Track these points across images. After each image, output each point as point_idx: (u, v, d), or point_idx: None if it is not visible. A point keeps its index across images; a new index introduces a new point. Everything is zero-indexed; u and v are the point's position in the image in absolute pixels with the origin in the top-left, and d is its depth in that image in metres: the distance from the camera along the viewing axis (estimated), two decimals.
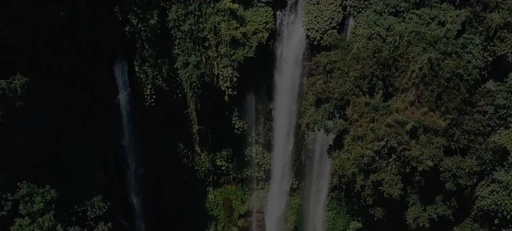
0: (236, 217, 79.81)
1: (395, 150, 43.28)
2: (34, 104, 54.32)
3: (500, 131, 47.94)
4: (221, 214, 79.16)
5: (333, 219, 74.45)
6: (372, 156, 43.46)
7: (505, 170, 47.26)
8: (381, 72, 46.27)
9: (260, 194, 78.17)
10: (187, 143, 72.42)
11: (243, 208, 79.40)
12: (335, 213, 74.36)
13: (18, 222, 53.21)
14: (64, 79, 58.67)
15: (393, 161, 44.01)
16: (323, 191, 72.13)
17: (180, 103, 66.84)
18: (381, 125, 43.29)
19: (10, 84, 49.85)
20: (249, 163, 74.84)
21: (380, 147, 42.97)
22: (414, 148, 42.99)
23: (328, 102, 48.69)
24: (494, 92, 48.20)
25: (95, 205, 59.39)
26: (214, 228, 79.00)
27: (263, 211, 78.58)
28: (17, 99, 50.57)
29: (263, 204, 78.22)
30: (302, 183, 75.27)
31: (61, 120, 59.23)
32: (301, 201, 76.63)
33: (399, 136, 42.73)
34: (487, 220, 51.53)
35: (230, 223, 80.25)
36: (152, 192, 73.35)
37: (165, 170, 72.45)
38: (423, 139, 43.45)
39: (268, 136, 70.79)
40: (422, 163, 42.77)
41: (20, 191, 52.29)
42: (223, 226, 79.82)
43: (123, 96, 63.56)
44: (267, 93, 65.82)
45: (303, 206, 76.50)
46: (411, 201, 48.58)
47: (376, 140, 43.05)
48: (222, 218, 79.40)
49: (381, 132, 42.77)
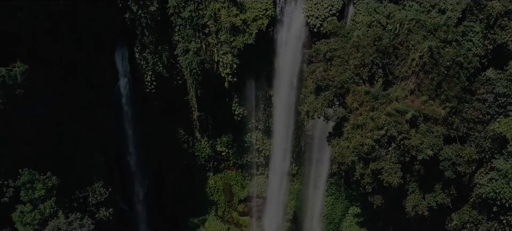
0: (236, 202, 79.55)
1: (395, 138, 42.74)
2: (35, 92, 53.94)
3: (499, 119, 47.29)
4: (221, 199, 78.87)
5: (332, 205, 74.11)
6: (372, 145, 42.92)
7: (504, 158, 46.72)
8: (381, 60, 45.57)
9: (260, 179, 77.78)
10: (187, 129, 71.94)
11: (243, 193, 79.07)
12: (334, 198, 74.00)
13: (19, 208, 53.01)
14: (64, 66, 58.18)
15: (393, 150, 43.46)
16: (323, 177, 71.72)
17: (180, 90, 66.25)
18: (381, 113, 42.69)
19: (10, 72, 49.30)
20: (249, 148, 74.38)
21: (380, 135, 42.42)
22: (414, 136, 42.42)
23: (328, 90, 48.02)
24: (494, 80, 47.44)
25: (96, 191, 59.06)
26: (214, 213, 78.70)
27: (263, 196, 78.15)
28: (17, 86, 50.02)
29: (263, 190, 77.82)
30: (301, 169, 74.84)
31: (62, 107, 58.69)
32: (301, 186, 76.23)
33: (399, 124, 42.15)
34: (485, 207, 51.08)
35: (230, 208, 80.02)
36: (152, 177, 72.86)
37: (166, 155, 71.95)
38: (423, 128, 42.87)
39: (268, 122, 70.23)
40: (422, 152, 42.24)
41: (21, 178, 51.97)
42: (223, 211, 79.56)
43: (124, 83, 63.01)
44: (267, 80, 65.15)
45: (302, 191, 76.12)
46: (410, 189, 48.05)
47: (376, 129, 42.49)
48: (222, 203, 79.13)
49: (381, 121, 42.20)
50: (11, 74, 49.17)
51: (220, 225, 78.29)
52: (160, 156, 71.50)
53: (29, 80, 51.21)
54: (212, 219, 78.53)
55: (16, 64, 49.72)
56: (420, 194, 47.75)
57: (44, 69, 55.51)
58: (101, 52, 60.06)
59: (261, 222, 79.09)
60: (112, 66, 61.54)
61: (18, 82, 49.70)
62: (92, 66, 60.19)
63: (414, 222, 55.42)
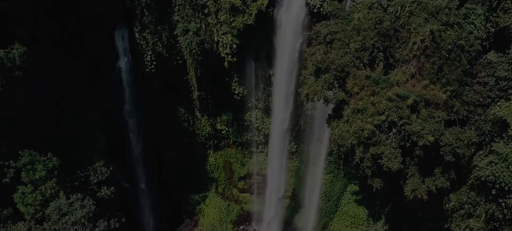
0: (236, 179, 78.73)
1: (396, 124, 41.30)
2: (35, 72, 52.73)
3: (500, 102, 45.69)
4: (221, 176, 78.03)
5: (330, 182, 73.19)
6: (372, 130, 41.53)
7: (504, 141, 45.29)
8: (382, 43, 43.87)
9: (259, 157, 76.82)
10: (188, 108, 70.80)
11: (243, 171, 78.21)
12: (333, 176, 73.05)
13: (20, 189, 52.23)
14: (64, 47, 56.85)
15: (393, 135, 42.05)
16: (322, 155, 70.52)
17: (180, 69, 64.97)
18: (381, 98, 41.21)
19: (9, 54, 47.89)
20: (248, 127, 73.25)
21: (380, 121, 41.00)
22: (414, 122, 41.00)
23: (327, 73, 46.42)
24: (495, 63, 45.60)
25: (98, 170, 58.41)
26: (215, 190, 77.91)
27: (263, 174, 77.18)
28: (16, 68, 48.67)
29: (263, 167, 76.81)
30: (300, 147, 73.73)
31: (62, 87, 57.53)
32: (300, 164, 75.18)
33: (400, 110, 40.71)
34: (483, 189, 49.86)
35: (230, 185, 79.23)
36: (154, 155, 71.78)
37: (166, 134, 70.86)
38: (424, 113, 41.43)
39: (268, 102, 68.94)
40: (423, 137, 40.86)
41: (22, 159, 51.12)
42: (224, 188, 78.83)
43: (124, 63, 61.65)
44: (266, 59, 63.67)
45: (301, 169, 75.08)
46: (409, 173, 46.68)
47: (376, 114, 41.06)
48: (222, 180, 78.32)
49: (382, 106, 40.75)
50: (9, 56, 47.88)
51: (220, 202, 77.63)
52: (160, 134, 70.39)
53: (28, 62, 50.05)
54: (213, 196, 77.86)
55: (14, 46, 48.24)
56: (419, 178, 46.44)
57: (44, 50, 54.14)
58: (101, 32, 58.64)
59: (261, 198, 78.15)
60: (112, 46, 60.07)
61: (17, 64, 48.35)
62: (92, 46, 58.82)
63: (412, 201, 54.40)
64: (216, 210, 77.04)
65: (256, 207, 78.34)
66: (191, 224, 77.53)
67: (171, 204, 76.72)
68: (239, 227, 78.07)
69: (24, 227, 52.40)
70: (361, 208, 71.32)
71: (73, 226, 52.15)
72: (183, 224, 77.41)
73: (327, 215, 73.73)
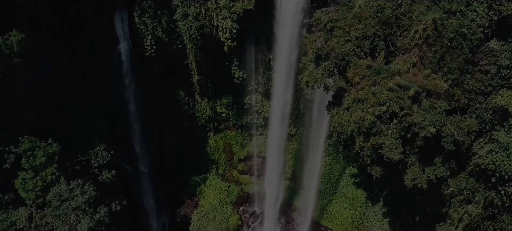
0: (236, 161, 77.64)
1: (397, 115, 39.79)
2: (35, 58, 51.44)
3: (502, 91, 44.16)
4: (221, 158, 76.88)
5: (329, 165, 72.06)
6: (373, 121, 40.06)
7: (505, 130, 43.92)
8: (383, 31, 42.11)
9: (259, 139, 75.55)
10: (188, 92, 69.43)
11: (243, 153, 77.06)
12: (332, 159, 71.88)
13: (21, 175, 51.25)
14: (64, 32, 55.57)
15: (394, 126, 40.57)
16: (321, 138, 69.20)
17: (180, 53, 63.34)
18: (383, 88, 39.62)
19: (6, 41, 46.39)
20: (248, 110, 71.85)
21: (381, 111, 39.50)
22: (416, 113, 39.47)
23: (328, 60, 44.78)
24: (497, 51, 43.79)
25: (99, 154, 57.53)
26: (215, 171, 76.84)
27: (263, 156, 76.00)
28: (14, 55, 47.26)
29: (262, 149, 75.59)
30: (300, 130, 72.38)
31: (62, 72, 56.25)
32: (299, 147, 73.93)
33: (401, 100, 39.18)
34: (483, 176, 48.63)
35: (230, 167, 78.13)
36: (154, 138, 70.55)
37: (167, 117, 69.56)
38: (426, 104, 39.89)
39: (267, 85, 67.41)
40: (424, 129, 39.40)
41: (22, 145, 50.09)
42: (224, 169, 77.76)
43: (124, 47, 60.21)
44: (266, 44, 61.97)
45: (300, 151, 73.86)
46: (409, 162, 45.26)
47: (377, 105, 39.53)
48: (222, 162, 77.22)
49: (383, 96, 39.22)
50: (7, 43, 46.46)
51: (220, 183, 76.60)
52: (161, 117, 69.14)
53: (27, 49, 48.84)
54: (213, 177, 76.80)
55: (12, 33, 46.66)
56: (419, 167, 45.07)
57: (44, 36, 52.76)
58: (101, 17, 57.12)
59: (261, 180, 77.12)
60: (112, 31, 58.47)
61: (15, 52, 46.89)
62: (92, 32, 57.57)
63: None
64: (217, 191, 76.04)
65: (256, 188, 77.29)
66: (191, 205, 76.59)
67: (172, 185, 75.68)
68: (239, 208, 77.16)
69: (25, 212, 51.55)
70: (359, 190, 70.29)
71: (74, 212, 51.16)
72: (184, 205, 76.46)
73: (326, 197, 72.76)
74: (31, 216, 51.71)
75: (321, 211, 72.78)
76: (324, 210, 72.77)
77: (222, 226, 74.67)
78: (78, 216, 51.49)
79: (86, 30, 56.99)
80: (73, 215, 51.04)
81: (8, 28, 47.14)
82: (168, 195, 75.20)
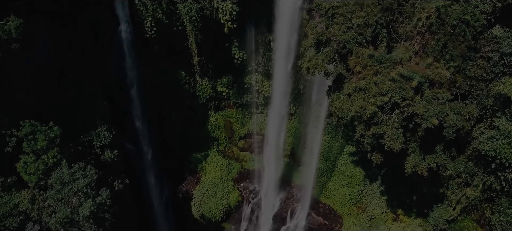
0: (237, 138, 75.95)
1: (399, 105, 37.80)
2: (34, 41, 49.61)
3: (504, 79, 42.07)
4: (222, 135, 75.19)
5: (328, 143, 70.32)
6: (375, 111, 38.07)
7: (506, 117, 42.06)
8: (385, 18, 39.75)
9: (259, 117, 73.71)
10: (189, 72, 67.21)
11: (243, 131, 75.33)
12: (331, 137, 70.10)
13: (23, 159, 49.51)
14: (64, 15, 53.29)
15: (396, 115, 38.59)
16: (321, 117, 67.21)
17: (180, 35, 60.86)
18: (385, 78, 37.54)
19: (4, 26, 44.12)
20: (248, 89, 69.83)
21: (383, 102, 37.50)
22: (418, 104, 37.46)
23: (328, 46, 42.56)
24: (500, 39, 41.62)
25: (101, 135, 55.91)
26: (216, 149, 75.27)
27: (262, 133, 74.29)
28: (13, 41, 45.05)
29: (262, 127, 73.84)
30: (299, 109, 70.45)
31: (63, 55, 54.32)
32: (298, 125, 72.13)
33: (403, 91, 37.17)
34: (482, 160, 47.08)
35: (231, 144, 76.47)
36: (156, 117, 68.76)
37: (168, 96, 67.61)
38: (428, 94, 37.87)
39: (268, 66, 65.29)
40: (427, 120, 37.43)
41: (23, 129, 48.17)
42: (225, 146, 76.12)
43: (124, 28, 57.76)
44: (266, 25, 59.71)
45: (300, 129, 72.09)
46: (410, 149, 43.45)
47: (379, 95, 37.52)
48: (223, 139, 75.54)
49: (385, 87, 37.18)
50: (5, 29, 44.22)
51: (221, 160, 75.09)
52: (162, 97, 67.23)
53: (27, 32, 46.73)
54: (214, 154, 75.26)
55: (10, 18, 44.39)
56: (420, 155, 43.27)
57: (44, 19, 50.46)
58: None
59: (261, 157, 75.59)
60: (112, 12, 56.04)
61: (13, 37, 44.68)
62: (92, 13, 55.22)
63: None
64: (217, 168, 74.62)
65: (256, 165, 75.82)
66: (193, 181, 75.20)
67: (173, 162, 74.20)
68: (239, 184, 75.84)
69: (27, 194, 49.95)
70: (357, 168, 68.67)
71: (76, 195, 49.62)
72: (186, 182, 75.08)
73: (324, 174, 71.23)
74: (34, 198, 50.18)
75: (319, 188, 71.35)
76: (322, 187, 71.32)
77: (223, 202, 73.53)
78: (80, 199, 49.99)
79: (86, 11, 54.59)
80: (75, 198, 49.48)
81: (6, 13, 44.90)
82: (170, 172, 73.76)
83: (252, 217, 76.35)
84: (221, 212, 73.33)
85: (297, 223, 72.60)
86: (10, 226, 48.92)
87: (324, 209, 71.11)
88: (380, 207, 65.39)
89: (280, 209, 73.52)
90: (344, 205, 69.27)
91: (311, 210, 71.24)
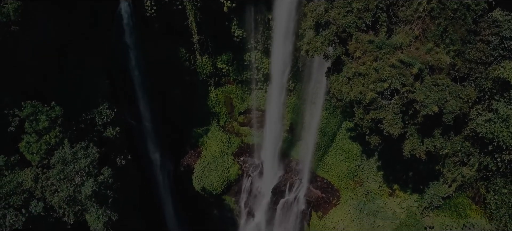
0: (237, 113, 74.69)
1: (399, 91, 36.34)
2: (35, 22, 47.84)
3: (504, 63, 40.41)
4: (222, 111, 73.93)
5: (326, 119, 68.98)
6: (374, 97, 36.63)
7: (505, 101, 40.62)
8: (385, 2, 37.96)
9: (259, 93, 72.28)
10: (189, 49, 65.49)
11: (243, 106, 74.04)
12: (329, 113, 68.71)
13: (25, 138, 48.33)
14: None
15: (395, 101, 37.18)
16: (320, 93, 65.73)
17: (180, 14, 58.95)
18: (385, 64, 36.02)
19: (3, 9, 42.30)
20: (248, 66, 68.26)
21: (383, 88, 36.05)
22: (418, 90, 35.99)
23: (327, 28, 40.87)
24: (501, 22, 39.78)
25: (103, 113, 54.76)
26: (216, 124, 74.13)
27: (262, 109, 72.98)
28: (12, 23, 43.34)
29: (262, 103, 72.50)
30: (298, 85, 68.90)
31: (64, 34, 52.61)
32: (297, 101, 70.73)
33: (403, 77, 35.72)
34: (478, 141, 45.83)
35: (231, 119, 75.28)
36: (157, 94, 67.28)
37: (169, 73, 66.04)
38: (428, 81, 36.39)
39: (267, 44, 63.48)
40: (426, 107, 36.04)
41: (24, 110, 46.78)
42: (225, 121, 74.95)
43: (125, 7, 55.80)
44: (266, 4, 57.65)
45: (299, 105, 70.72)
46: (408, 132, 42.16)
47: (379, 81, 36.06)
48: (223, 115, 74.34)
49: (385, 73, 35.71)
50: (3, 12, 42.40)
51: (221, 135, 74.10)
52: (163, 74, 65.61)
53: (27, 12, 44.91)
54: (214, 129, 74.21)
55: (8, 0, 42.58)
56: (418, 138, 42.00)
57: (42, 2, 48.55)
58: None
59: (260, 131, 74.48)
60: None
61: (12, 20, 42.93)
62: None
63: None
64: (218, 142, 73.65)
65: (256, 140, 74.75)
66: (194, 155, 74.31)
67: (175, 136, 73.15)
68: (239, 158, 74.98)
69: (31, 173, 48.88)
70: (355, 144, 67.54)
71: (78, 174, 48.60)
72: (187, 155, 74.19)
73: (322, 149, 70.15)
74: (37, 177, 49.19)
75: (317, 163, 70.41)
76: (320, 162, 70.38)
77: (223, 176, 72.88)
78: (82, 177, 48.98)
79: None
80: (77, 177, 48.48)
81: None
82: (172, 146, 72.77)
83: (251, 190, 75.72)
84: (221, 185, 72.74)
85: (296, 195, 71.97)
86: (14, 204, 47.99)
87: (322, 182, 70.33)
88: (377, 182, 64.51)
89: (279, 182, 72.80)
90: (341, 179, 68.42)
91: (309, 183, 70.48)
